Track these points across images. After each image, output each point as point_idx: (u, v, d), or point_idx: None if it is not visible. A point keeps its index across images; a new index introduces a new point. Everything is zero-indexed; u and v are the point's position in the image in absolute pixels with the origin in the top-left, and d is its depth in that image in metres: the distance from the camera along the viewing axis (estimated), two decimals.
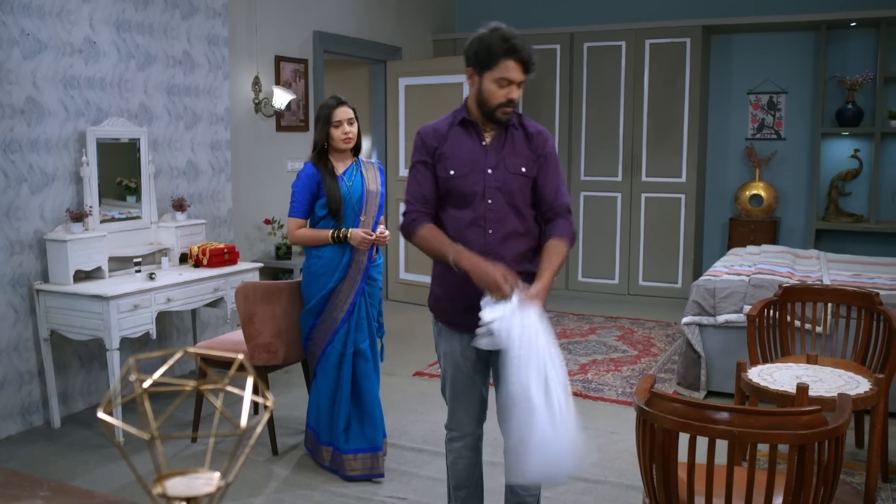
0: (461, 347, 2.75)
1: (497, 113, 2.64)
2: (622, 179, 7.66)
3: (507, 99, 2.62)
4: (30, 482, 1.76)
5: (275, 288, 3.90)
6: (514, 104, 2.65)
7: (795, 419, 1.97)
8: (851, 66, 7.17)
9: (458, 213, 2.68)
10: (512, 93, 2.62)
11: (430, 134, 2.75)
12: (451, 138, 2.71)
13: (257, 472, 3.82)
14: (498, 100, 2.62)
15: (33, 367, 4.35)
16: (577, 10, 8.13)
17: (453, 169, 2.67)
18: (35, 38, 4.26)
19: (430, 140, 2.73)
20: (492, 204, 2.65)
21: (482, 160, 2.67)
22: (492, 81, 2.61)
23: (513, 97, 2.62)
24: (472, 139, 2.70)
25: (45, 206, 4.35)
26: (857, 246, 7.16)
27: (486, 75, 2.62)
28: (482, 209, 2.65)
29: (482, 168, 2.66)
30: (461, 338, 2.73)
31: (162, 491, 1.03)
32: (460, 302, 2.67)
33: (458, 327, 2.73)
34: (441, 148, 2.70)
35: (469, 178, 2.66)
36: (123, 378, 3.76)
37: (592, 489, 3.62)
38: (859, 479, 3.64)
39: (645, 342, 6.14)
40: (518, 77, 2.61)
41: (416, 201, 2.73)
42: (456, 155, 2.68)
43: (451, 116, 2.77)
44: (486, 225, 2.65)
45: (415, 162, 2.75)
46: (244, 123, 5.89)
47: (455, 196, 2.68)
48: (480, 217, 2.65)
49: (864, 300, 3.77)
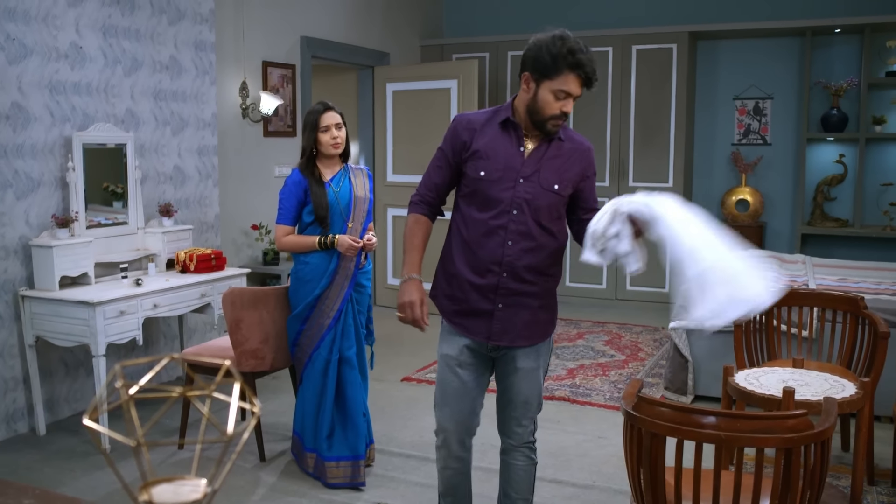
0: (457, 349, 2.70)
1: (548, 124, 2.56)
2: (609, 184, 7.68)
3: (562, 112, 2.54)
4: (15, 490, 1.75)
5: (262, 294, 3.89)
6: (566, 117, 2.58)
7: (782, 423, 1.98)
8: (836, 71, 7.22)
9: (481, 216, 2.60)
10: (567, 106, 2.53)
11: (464, 125, 2.66)
12: (488, 136, 2.62)
13: (244, 478, 3.80)
14: (552, 111, 2.53)
15: (18, 374, 4.32)
16: (564, 16, 8.16)
17: (484, 171, 2.59)
18: (20, 42, 4.24)
19: (462, 132, 2.65)
20: (517, 215, 2.56)
21: (517, 168, 2.58)
22: (549, 92, 2.51)
23: (567, 110, 2.55)
24: (511, 143, 2.61)
25: (31, 212, 4.32)
26: (842, 250, 7.20)
27: (545, 84, 2.51)
28: (505, 219, 2.57)
29: (515, 177, 2.57)
30: (459, 339, 2.69)
31: (148, 498, 1.03)
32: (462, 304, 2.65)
33: (455, 325, 2.69)
34: (474, 144, 2.62)
35: (498, 184, 2.57)
36: (109, 384, 3.74)
37: (580, 494, 3.63)
38: (845, 482, 3.66)
39: (632, 347, 6.15)
40: (577, 91, 2.53)
41: (423, 186, 2.75)
42: (490, 156, 2.59)
43: (492, 112, 2.67)
44: (507, 236, 2.57)
45: (440, 147, 2.72)
46: (231, 129, 5.88)
47: (480, 198, 2.60)
48: (502, 227, 2.57)
49: (850, 304, 3.79)
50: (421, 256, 2.71)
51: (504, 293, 2.60)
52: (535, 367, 2.69)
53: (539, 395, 2.75)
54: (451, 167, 2.69)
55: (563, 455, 4.05)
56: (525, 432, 2.77)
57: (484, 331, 2.64)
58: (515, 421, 2.75)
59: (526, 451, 2.80)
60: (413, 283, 2.65)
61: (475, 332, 2.65)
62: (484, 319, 2.63)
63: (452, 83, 7.13)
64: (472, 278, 2.62)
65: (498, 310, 2.61)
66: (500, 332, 2.63)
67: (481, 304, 2.62)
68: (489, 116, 2.66)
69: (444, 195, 2.77)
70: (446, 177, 2.71)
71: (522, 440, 2.78)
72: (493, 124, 2.63)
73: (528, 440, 2.79)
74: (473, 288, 2.62)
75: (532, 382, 2.70)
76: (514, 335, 2.63)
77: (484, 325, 2.63)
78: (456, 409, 2.74)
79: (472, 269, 2.62)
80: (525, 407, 2.73)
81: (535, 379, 2.71)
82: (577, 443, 4.22)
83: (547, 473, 3.80)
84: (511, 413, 2.75)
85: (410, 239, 2.72)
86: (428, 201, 2.74)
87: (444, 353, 2.74)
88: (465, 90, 7.05)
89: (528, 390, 2.71)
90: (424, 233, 2.73)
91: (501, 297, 2.60)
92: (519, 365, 2.67)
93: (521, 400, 2.71)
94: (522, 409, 2.73)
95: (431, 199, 2.74)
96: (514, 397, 2.72)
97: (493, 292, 2.60)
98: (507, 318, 2.61)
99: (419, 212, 2.74)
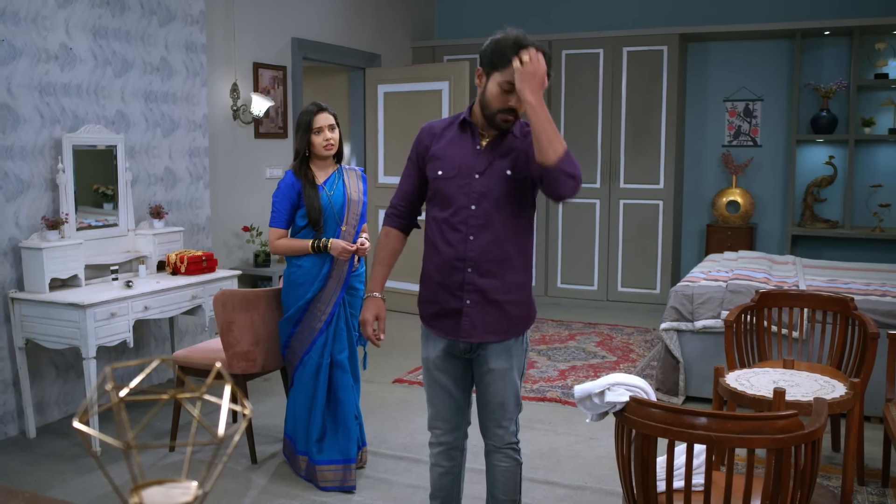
0: (434, 353, 2.75)
1: (497, 118, 2.55)
2: (600, 186, 7.70)
3: (508, 106, 2.53)
4: (4, 493, 1.74)
5: (253, 296, 3.88)
6: (515, 113, 2.55)
7: (772, 423, 1.99)
8: (825, 74, 7.26)
9: (442, 214, 2.65)
10: (513, 100, 2.51)
11: (426, 132, 2.74)
12: (447, 138, 2.68)
13: (236, 480, 3.79)
14: (499, 104, 2.52)
15: (8, 377, 4.30)
16: (556, 17, 8.18)
17: (441, 170, 2.65)
18: (10, 43, 4.22)
19: (424, 138, 2.73)
20: (475, 210, 2.60)
21: (472, 164, 2.61)
22: (496, 84, 2.51)
23: (513, 105, 2.52)
24: (467, 142, 2.65)
25: (21, 214, 4.30)
26: (832, 252, 7.24)
27: (494, 76, 2.52)
28: (465, 214, 2.61)
29: (470, 172, 2.61)
30: (435, 342, 2.74)
31: (139, 501, 1.02)
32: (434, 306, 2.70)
33: (432, 328, 2.74)
34: (433, 147, 2.68)
35: (455, 181, 2.62)
36: (100, 387, 3.73)
37: (572, 495, 3.63)
38: (836, 482, 3.67)
39: (624, 348, 6.16)
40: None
41: (396, 196, 2.83)
42: (446, 156, 2.65)
43: (454, 117, 2.73)
44: (468, 231, 2.61)
45: (409, 156, 2.79)
46: (222, 130, 5.87)
47: (440, 197, 2.66)
48: (462, 222, 2.62)
49: (840, 305, 3.81)
50: (385, 272, 2.80)
51: (471, 289, 2.63)
52: (507, 368, 2.70)
53: (516, 396, 2.75)
54: (418, 174, 2.75)
55: (554, 456, 4.05)
56: (506, 434, 2.76)
57: (454, 329, 2.67)
58: (495, 423, 2.75)
59: (509, 451, 2.79)
60: (370, 301, 2.75)
61: (447, 331, 2.69)
62: (454, 318, 2.67)
63: (444, 85, 7.13)
64: (440, 277, 2.67)
65: (466, 306, 2.64)
66: (470, 328, 2.65)
67: (451, 304, 2.66)
68: (451, 121, 2.73)
69: (417, 204, 2.82)
70: (416, 184, 2.77)
71: (504, 441, 2.77)
72: (452, 128, 2.70)
73: (510, 441, 2.78)
74: (442, 287, 2.67)
75: (506, 383, 2.71)
76: (484, 331, 2.65)
77: (454, 323, 2.67)
78: (441, 408, 2.80)
79: (438, 269, 2.68)
80: (502, 408, 2.73)
81: (510, 379, 2.72)
82: (568, 444, 4.22)
83: (538, 475, 3.81)
84: (490, 415, 2.76)
85: (377, 253, 2.82)
86: (399, 213, 2.82)
87: (423, 356, 2.81)
88: (457, 92, 7.05)
89: (502, 391, 2.71)
90: (392, 247, 2.82)
91: (469, 294, 2.64)
92: (492, 366, 2.69)
93: (498, 401, 2.72)
94: (500, 411, 2.73)
95: (403, 211, 2.81)
96: (491, 399, 2.73)
97: (461, 289, 2.64)
98: (475, 314, 2.64)
99: (390, 224, 2.82)
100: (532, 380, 5.30)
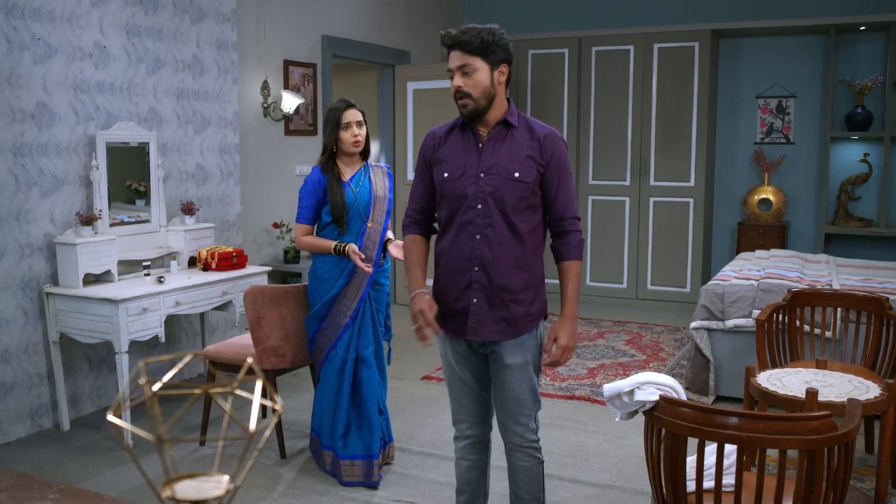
0: (449, 350, 2.78)
1: (458, 106, 2.65)
2: (630, 183, 7.65)
3: (454, 87, 2.62)
4: (39, 484, 1.77)
5: (283, 292, 3.91)
6: (464, 93, 2.60)
7: (805, 424, 1.96)
8: (861, 70, 7.14)
9: (450, 215, 2.69)
10: (457, 80, 2.60)
11: (430, 137, 2.79)
12: (450, 141, 2.72)
13: (265, 475, 3.82)
14: (452, 91, 2.64)
15: (42, 370, 4.37)
16: (586, 14, 8.13)
17: (447, 171, 2.68)
18: (45, 42, 4.29)
19: (429, 144, 2.78)
20: (481, 209, 2.62)
21: (475, 163, 2.65)
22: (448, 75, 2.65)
23: (458, 84, 2.59)
24: (469, 142, 2.69)
25: (55, 210, 4.37)
26: (866, 250, 7.13)
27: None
28: (472, 214, 2.63)
29: (475, 172, 2.64)
30: (446, 340, 2.77)
31: (171, 494, 1.03)
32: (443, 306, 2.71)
33: (443, 328, 2.74)
34: (438, 151, 2.73)
35: (461, 182, 2.65)
36: (133, 381, 3.78)
37: (601, 494, 3.61)
38: (869, 484, 3.62)
39: (653, 347, 6.12)
40: (453, 63, 2.61)
41: (410, 206, 2.86)
42: (450, 158, 2.69)
43: (455, 120, 2.78)
44: (475, 230, 2.63)
45: (416, 166, 2.84)
46: (253, 127, 5.91)
47: (448, 199, 2.69)
48: (469, 222, 2.64)
49: (874, 305, 3.75)
50: (423, 272, 2.80)
51: (477, 288, 2.65)
52: (523, 363, 2.70)
53: (533, 391, 2.74)
54: (428, 179, 2.78)
55: (583, 454, 4.04)
56: (525, 431, 2.75)
57: (461, 328, 2.68)
58: (513, 420, 2.74)
59: (530, 450, 2.77)
60: (419, 296, 2.72)
61: (455, 330, 2.71)
62: (462, 317, 2.68)
63: None
64: (448, 277, 2.70)
65: (473, 305, 2.65)
66: (476, 326, 2.66)
67: (458, 303, 2.68)
68: (452, 125, 2.77)
69: (431, 210, 2.83)
70: (427, 190, 2.80)
71: (524, 440, 2.75)
72: (454, 131, 2.75)
73: (531, 439, 2.77)
74: (450, 286, 2.69)
75: (522, 379, 2.70)
76: (489, 330, 2.66)
77: (461, 322, 2.68)
78: (465, 402, 2.83)
79: (447, 269, 2.70)
80: (519, 404, 2.72)
81: (526, 375, 2.71)
82: (597, 442, 4.20)
83: (567, 473, 3.80)
84: (508, 412, 2.75)
85: (409, 257, 2.83)
86: (416, 220, 2.84)
87: (441, 351, 2.84)
88: None
89: (518, 387, 2.70)
90: (421, 250, 2.82)
91: (475, 292, 2.65)
92: (507, 362, 2.69)
93: (514, 397, 2.71)
94: (517, 407, 2.72)
95: (418, 217, 2.83)
96: (508, 395, 2.72)
97: (468, 288, 2.66)
98: (481, 312, 2.65)
99: (411, 232, 2.84)
100: (560, 377, 5.28)
